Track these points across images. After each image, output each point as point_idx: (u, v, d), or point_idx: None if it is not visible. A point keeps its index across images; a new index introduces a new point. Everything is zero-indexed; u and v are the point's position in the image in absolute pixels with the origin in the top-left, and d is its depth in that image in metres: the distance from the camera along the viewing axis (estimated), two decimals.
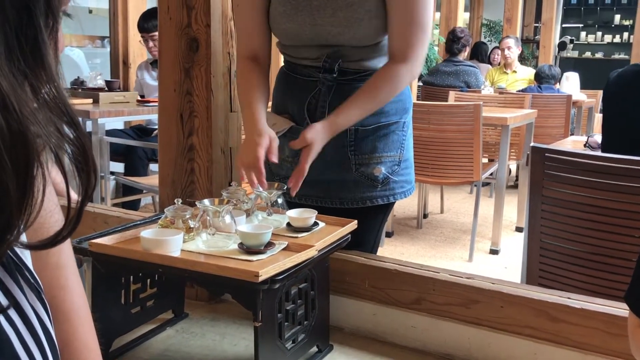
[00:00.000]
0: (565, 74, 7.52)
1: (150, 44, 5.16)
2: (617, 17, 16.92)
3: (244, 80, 1.98)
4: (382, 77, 1.89)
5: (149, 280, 1.73)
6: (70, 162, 0.61)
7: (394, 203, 2.10)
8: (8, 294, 0.67)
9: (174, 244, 1.47)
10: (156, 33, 4.99)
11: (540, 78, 7.10)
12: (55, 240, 0.66)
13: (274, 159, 1.81)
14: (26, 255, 0.72)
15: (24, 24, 0.57)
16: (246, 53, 2.00)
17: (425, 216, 6.05)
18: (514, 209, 5.97)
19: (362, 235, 2.00)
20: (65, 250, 0.87)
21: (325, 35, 1.89)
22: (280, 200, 1.80)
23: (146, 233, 1.51)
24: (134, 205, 5.22)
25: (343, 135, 1.94)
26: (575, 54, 17.18)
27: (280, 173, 2.05)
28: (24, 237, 0.65)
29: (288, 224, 1.70)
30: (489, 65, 9.71)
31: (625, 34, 16.84)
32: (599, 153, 2.58)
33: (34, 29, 0.58)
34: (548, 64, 7.54)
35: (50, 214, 0.76)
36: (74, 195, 0.63)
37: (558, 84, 7.27)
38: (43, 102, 0.58)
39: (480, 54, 10.43)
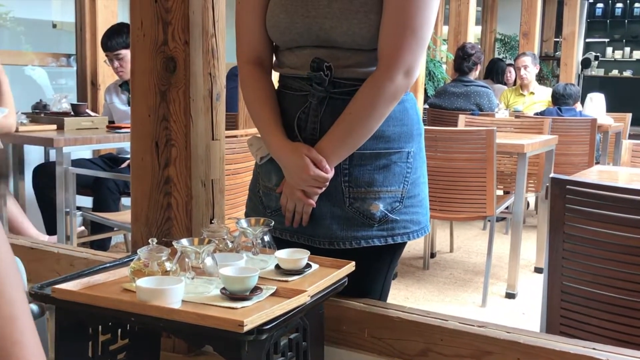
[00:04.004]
0: (589, 95, 7.54)
1: (116, 63, 5.18)
2: None
3: (254, 93, 2.03)
4: (360, 91, 1.91)
5: (119, 331, 1.73)
6: None
7: (401, 246, 2.09)
8: None
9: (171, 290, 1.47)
10: (121, 52, 5.05)
11: (556, 99, 7.08)
12: None
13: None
14: None
15: None
16: (250, 57, 2.04)
17: (432, 255, 6.05)
18: (533, 247, 5.97)
19: (367, 285, 2.01)
20: (19, 300, 0.87)
21: (317, 30, 1.92)
22: (267, 238, 1.80)
23: (142, 282, 1.50)
24: (103, 245, 5.20)
25: None
26: (600, 72, 17.26)
27: (270, 205, 2.06)
28: None
29: (277, 266, 1.70)
30: (505, 87, 9.74)
31: None
32: (627, 185, 2.59)
33: None
34: (564, 83, 7.54)
35: None
36: (34, 231, 0.63)
37: (579, 105, 7.28)
38: None
39: (496, 73, 10.47)
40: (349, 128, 1.89)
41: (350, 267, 1.75)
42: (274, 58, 2.09)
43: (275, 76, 2.08)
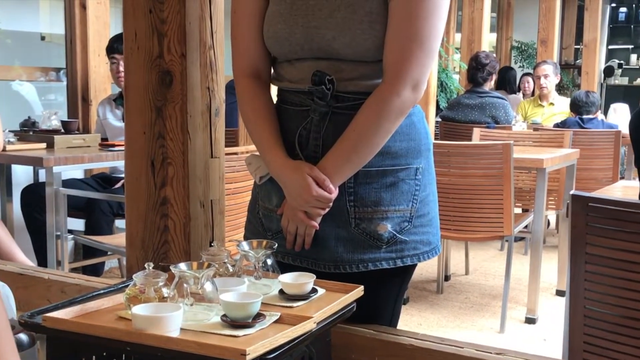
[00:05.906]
0: (613, 106, 7.55)
1: (122, 67, 5.16)
2: None
3: (251, 108, 2.03)
4: (365, 106, 1.90)
5: None
6: None
7: (412, 269, 2.07)
8: None
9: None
10: None
11: (578, 107, 7.03)
12: None
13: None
14: None
15: None
16: (247, 69, 2.04)
17: (447, 278, 6.04)
18: (554, 268, 5.95)
19: (376, 310, 2.00)
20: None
21: (318, 41, 1.92)
22: (270, 262, 1.80)
23: (138, 309, 1.51)
24: (96, 270, 5.20)
25: None
26: (624, 80, 17.20)
27: (271, 227, 2.06)
28: None
29: (281, 291, 1.70)
30: (520, 97, 9.73)
31: None
32: None
33: None
34: (585, 90, 7.53)
35: None
36: (22, 257, 0.64)
37: (601, 113, 7.25)
38: None
39: (508, 82, 10.47)
40: (354, 145, 1.89)
41: (359, 291, 1.75)
42: (272, 71, 2.10)
43: (273, 90, 2.08)
